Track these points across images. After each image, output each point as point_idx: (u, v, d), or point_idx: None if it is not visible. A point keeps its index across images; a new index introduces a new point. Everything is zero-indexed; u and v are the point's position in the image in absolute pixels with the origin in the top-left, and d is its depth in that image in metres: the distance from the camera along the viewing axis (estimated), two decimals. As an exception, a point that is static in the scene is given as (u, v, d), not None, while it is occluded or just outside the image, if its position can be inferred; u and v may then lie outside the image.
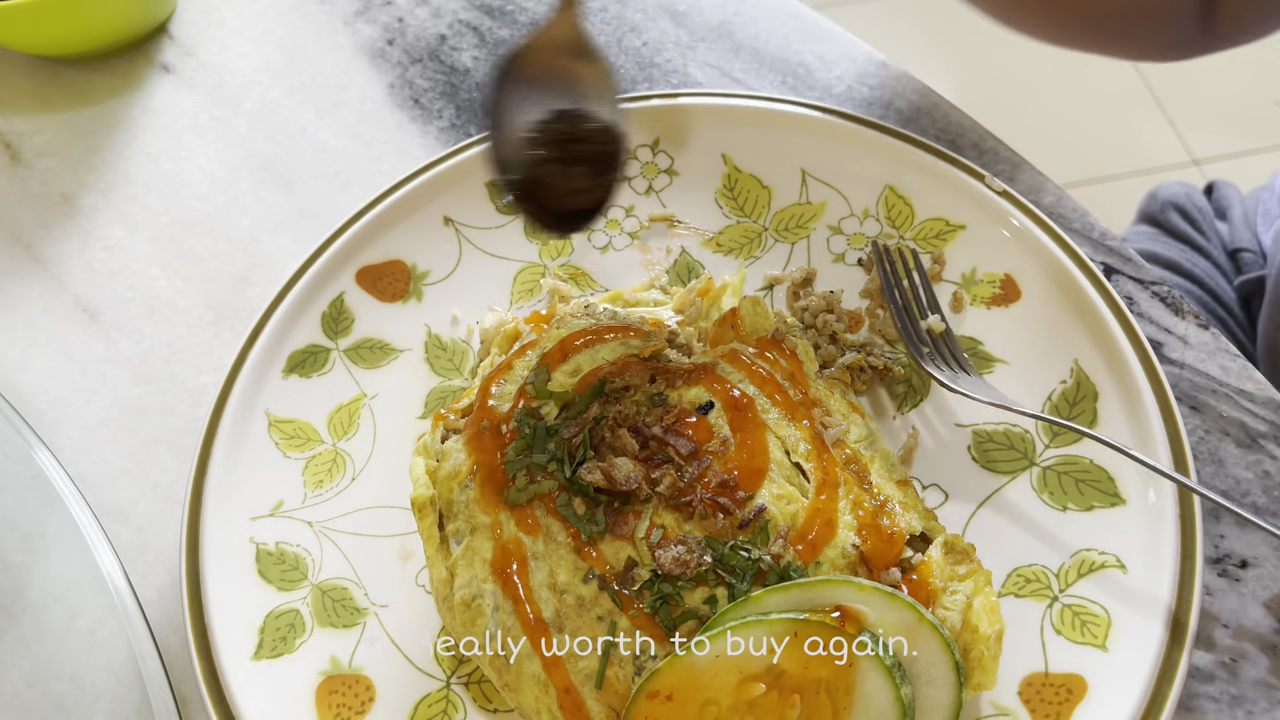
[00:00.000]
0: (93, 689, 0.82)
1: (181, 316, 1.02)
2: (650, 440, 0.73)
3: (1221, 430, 0.87)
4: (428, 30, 1.21)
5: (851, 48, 1.16)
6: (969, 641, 0.70)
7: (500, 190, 0.77)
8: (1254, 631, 0.78)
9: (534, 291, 0.97)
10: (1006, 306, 0.91)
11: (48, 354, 1.00)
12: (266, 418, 0.89)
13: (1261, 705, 0.75)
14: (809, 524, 0.72)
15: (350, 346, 0.94)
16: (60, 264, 1.06)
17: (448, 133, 1.12)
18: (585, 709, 0.69)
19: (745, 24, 1.19)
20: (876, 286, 0.94)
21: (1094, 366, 0.85)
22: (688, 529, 0.71)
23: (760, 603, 0.67)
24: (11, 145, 1.15)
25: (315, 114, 1.15)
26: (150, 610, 0.85)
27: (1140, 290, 0.95)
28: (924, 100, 1.10)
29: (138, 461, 0.93)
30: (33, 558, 0.87)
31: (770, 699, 0.66)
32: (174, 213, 1.09)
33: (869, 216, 0.97)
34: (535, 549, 0.72)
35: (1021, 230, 0.92)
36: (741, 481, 0.72)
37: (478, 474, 0.75)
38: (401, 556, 0.84)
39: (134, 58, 1.21)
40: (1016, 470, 0.83)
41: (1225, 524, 0.83)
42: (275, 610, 0.81)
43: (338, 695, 0.78)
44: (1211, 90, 2.71)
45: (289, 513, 0.86)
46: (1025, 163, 1.04)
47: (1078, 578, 0.77)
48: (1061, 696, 0.73)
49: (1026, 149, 1.06)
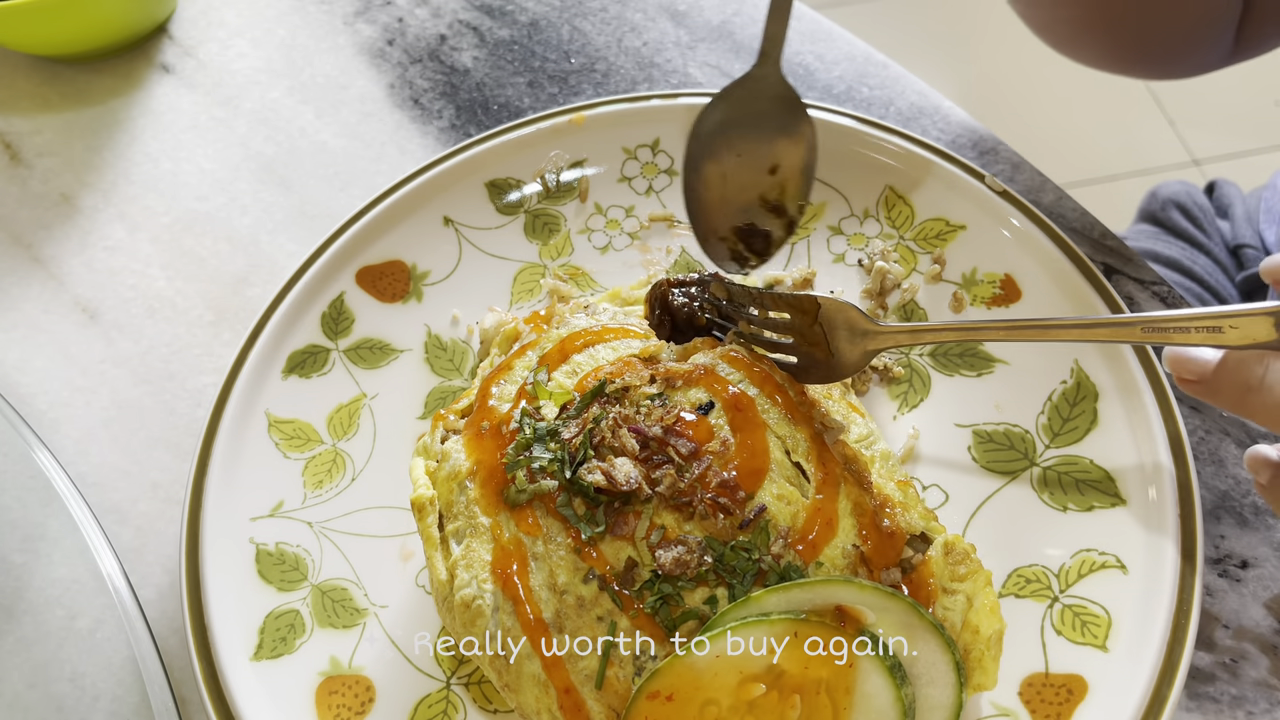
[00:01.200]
0: (93, 689, 0.82)
1: (181, 316, 1.02)
2: (650, 440, 0.73)
3: (1221, 430, 0.87)
4: (428, 30, 1.21)
5: (851, 48, 1.16)
6: (969, 642, 0.70)
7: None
8: (1254, 631, 0.78)
9: (534, 292, 0.97)
10: (1006, 306, 0.91)
11: (48, 354, 1.00)
12: (266, 418, 0.89)
13: (1261, 705, 0.75)
14: (809, 524, 0.71)
15: (350, 347, 0.94)
16: (60, 264, 1.06)
17: (448, 133, 1.12)
18: (585, 709, 0.69)
19: (745, 24, 1.19)
20: (877, 287, 0.94)
21: (1094, 366, 0.85)
22: (688, 529, 0.71)
23: (760, 603, 0.67)
24: (11, 145, 1.15)
25: (315, 114, 1.15)
26: (150, 611, 0.85)
27: (1140, 290, 0.95)
28: (924, 100, 1.10)
29: (137, 461, 0.93)
30: (33, 558, 0.87)
31: (770, 699, 0.66)
32: (174, 213, 1.09)
33: (869, 216, 0.97)
34: (535, 549, 0.72)
35: (1021, 230, 0.92)
36: (741, 481, 0.72)
37: (478, 474, 0.75)
38: (401, 557, 0.84)
39: (134, 58, 1.21)
40: (1016, 470, 0.83)
41: (1225, 524, 0.83)
42: (275, 611, 0.81)
43: (337, 696, 0.78)
44: (1211, 90, 2.70)
45: (289, 513, 0.86)
46: (1025, 163, 1.04)
47: (1078, 578, 0.77)
48: (1062, 697, 0.73)
49: (1026, 149, 1.06)
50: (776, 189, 0.84)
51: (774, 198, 0.84)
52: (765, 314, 0.79)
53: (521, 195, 1.02)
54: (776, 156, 0.83)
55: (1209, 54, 0.96)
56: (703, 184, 0.82)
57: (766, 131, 0.82)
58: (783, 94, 0.82)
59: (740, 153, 0.82)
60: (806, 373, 0.78)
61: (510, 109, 1.13)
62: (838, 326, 0.76)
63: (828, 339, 0.76)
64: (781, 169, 0.83)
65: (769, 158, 0.83)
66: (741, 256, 0.85)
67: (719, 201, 0.83)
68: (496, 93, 1.15)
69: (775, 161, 0.83)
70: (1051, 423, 0.84)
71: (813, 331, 0.77)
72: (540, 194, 1.02)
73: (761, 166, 0.83)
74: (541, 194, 1.02)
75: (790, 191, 0.84)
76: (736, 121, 0.81)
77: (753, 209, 0.84)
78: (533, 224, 1.00)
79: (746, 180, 0.83)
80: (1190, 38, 0.93)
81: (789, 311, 0.78)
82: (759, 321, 0.79)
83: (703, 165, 0.82)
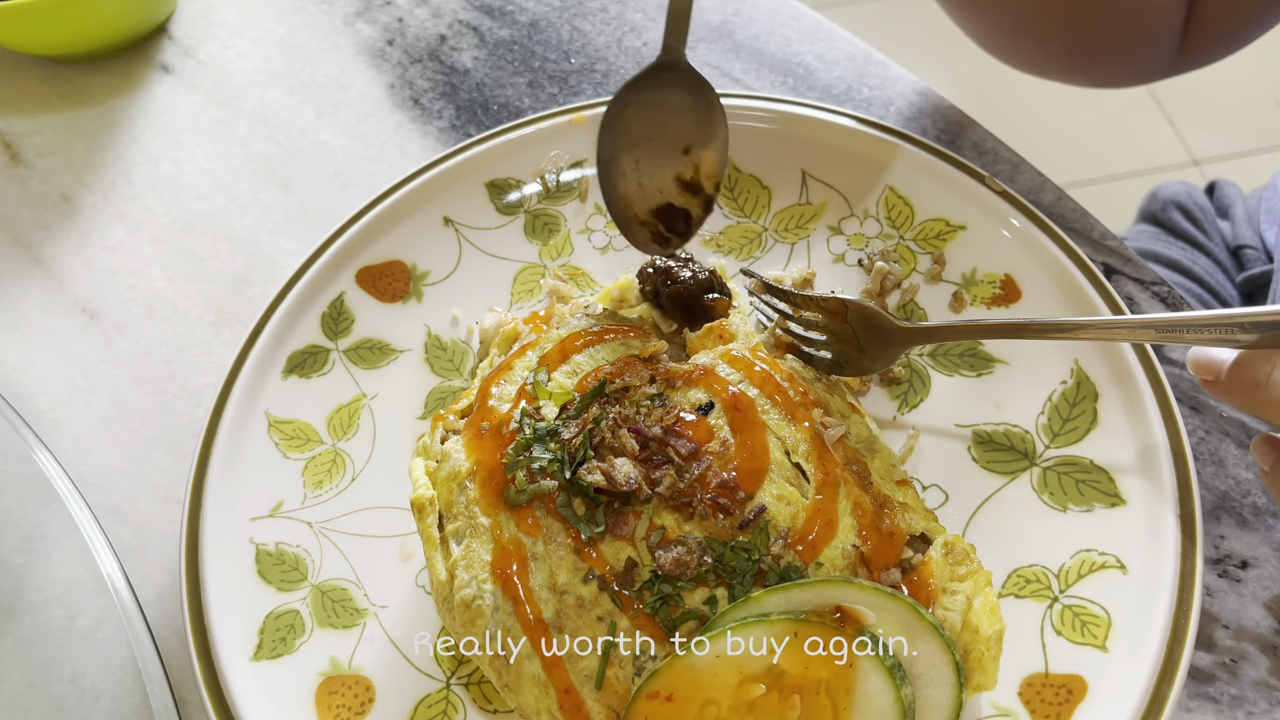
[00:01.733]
0: (93, 690, 0.82)
1: (181, 316, 1.02)
2: (650, 440, 0.73)
3: (1221, 430, 0.87)
4: (428, 30, 1.21)
5: (851, 48, 1.16)
6: (969, 642, 0.70)
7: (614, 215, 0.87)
8: (1254, 632, 0.78)
9: (534, 292, 0.97)
10: (1006, 306, 0.91)
11: (48, 354, 1.00)
12: (266, 418, 0.89)
13: (1262, 706, 0.75)
14: (809, 524, 0.71)
15: (350, 347, 0.94)
16: (60, 264, 1.06)
17: (448, 133, 1.12)
18: (585, 709, 0.69)
19: (745, 24, 1.19)
20: (877, 287, 0.94)
21: (1094, 366, 0.85)
22: (688, 529, 0.71)
23: (760, 603, 0.67)
24: (11, 145, 1.15)
25: (315, 114, 1.15)
26: (150, 611, 0.85)
27: (1140, 290, 0.95)
28: (924, 100, 1.10)
29: (137, 462, 0.93)
30: (33, 558, 0.87)
31: (770, 699, 0.66)
32: (174, 213, 1.09)
33: (869, 217, 0.97)
34: (535, 549, 0.72)
35: (1021, 230, 0.92)
36: (741, 482, 0.72)
37: (477, 475, 0.75)
38: (401, 557, 0.84)
39: (134, 58, 1.21)
40: (1016, 470, 0.83)
41: (1225, 524, 0.83)
42: (275, 611, 0.81)
43: (337, 696, 0.78)
44: (1211, 90, 2.71)
45: (289, 513, 0.86)
46: (1025, 163, 1.04)
47: (1078, 578, 0.77)
48: (1061, 697, 0.73)
49: (1026, 149, 1.06)
50: (690, 168, 0.85)
51: (689, 177, 0.85)
52: (799, 313, 0.83)
53: (521, 195, 1.02)
54: (687, 137, 0.84)
55: (1147, 62, 0.95)
56: (617, 172, 0.83)
57: (675, 113, 0.83)
58: (689, 77, 0.83)
59: (651, 135, 0.83)
60: (841, 367, 0.83)
61: (510, 109, 1.13)
62: (866, 325, 0.80)
63: (858, 337, 0.81)
64: (693, 148, 0.84)
65: (680, 139, 0.84)
66: (663, 238, 0.86)
67: (635, 187, 0.84)
68: (496, 93, 1.15)
69: (687, 142, 0.84)
70: (1051, 423, 0.84)
71: (843, 330, 0.81)
72: (540, 194, 1.02)
73: (674, 148, 0.84)
74: (541, 194, 1.02)
75: (705, 169, 0.85)
76: (645, 105, 0.82)
77: (669, 189, 0.85)
78: (533, 224, 1.00)
79: (660, 162, 0.84)
80: (1124, 44, 0.92)
81: (819, 312, 0.82)
82: (797, 319, 0.83)
83: (615, 154, 0.83)
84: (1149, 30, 0.91)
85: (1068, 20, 0.91)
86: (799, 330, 0.83)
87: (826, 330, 0.82)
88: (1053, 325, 0.75)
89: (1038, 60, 0.99)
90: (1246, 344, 0.67)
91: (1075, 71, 0.99)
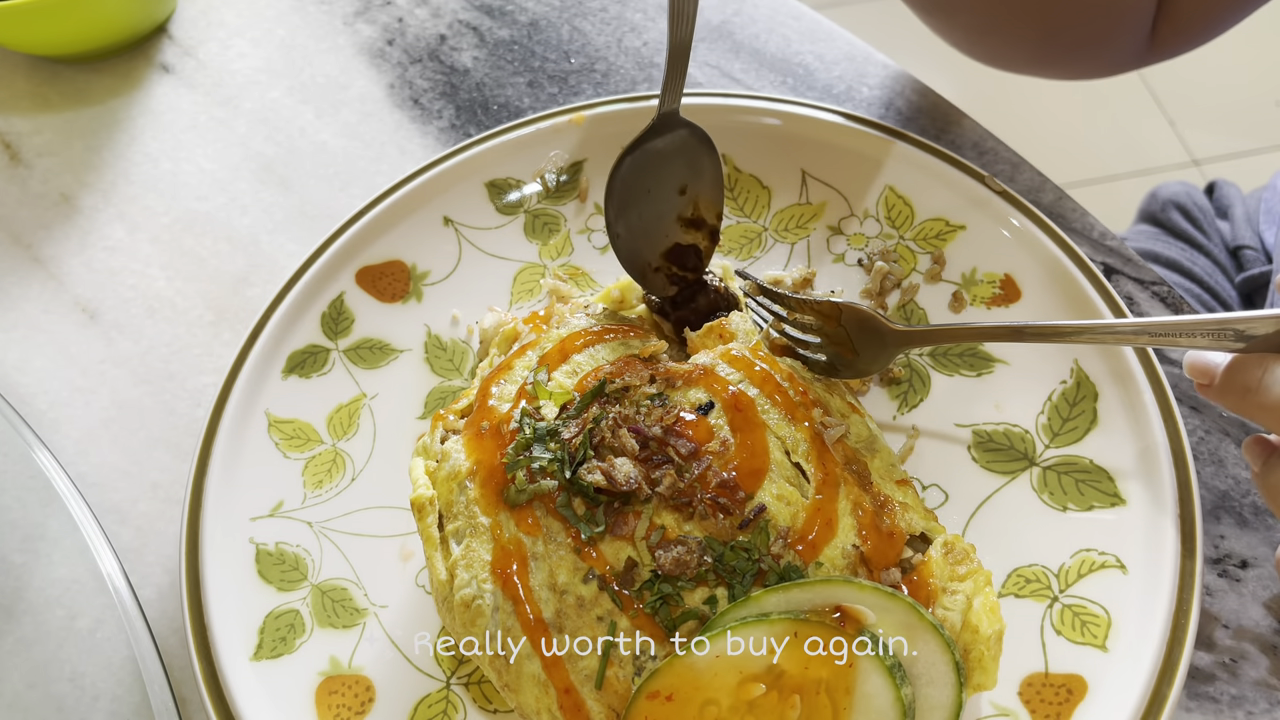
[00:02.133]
0: (93, 689, 0.82)
1: (181, 316, 1.02)
2: (650, 440, 0.73)
3: (1221, 430, 0.87)
4: (428, 30, 1.21)
5: (851, 48, 1.16)
6: (969, 642, 0.70)
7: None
8: (1254, 631, 0.78)
9: (534, 291, 0.97)
10: (1006, 306, 0.91)
11: (48, 354, 1.00)
12: (266, 418, 0.89)
13: (1261, 705, 0.75)
14: (809, 524, 0.71)
15: (350, 347, 0.94)
16: (60, 264, 1.06)
17: (448, 133, 1.12)
18: (585, 709, 0.69)
19: (745, 24, 1.19)
20: (876, 287, 0.94)
21: (1094, 366, 0.85)
22: (688, 529, 0.71)
23: (760, 603, 0.67)
24: (11, 145, 1.15)
25: (315, 114, 1.15)
26: (150, 611, 0.85)
27: (1140, 290, 0.95)
28: (924, 100, 1.10)
29: (137, 462, 0.93)
30: (33, 558, 0.87)
31: (770, 699, 0.66)
32: (174, 213, 1.09)
33: (869, 217, 0.97)
34: (535, 549, 0.72)
35: (1021, 230, 0.92)
36: (741, 482, 0.72)
37: (477, 474, 0.75)
38: (401, 557, 0.84)
39: (134, 58, 1.21)
40: (1016, 470, 0.83)
41: (1225, 524, 0.83)
42: (275, 610, 0.81)
43: (337, 695, 0.78)
44: (1211, 90, 2.71)
45: (289, 513, 0.86)
46: (1025, 162, 1.04)
47: (1078, 578, 0.77)
48: (1061, 697, 0.73)
49: (1026, 149, 1.06)
50: (689, 206, 0.88)
51: (690, 214, 0.88)
52: (793, 315, 0.83)
53: (521, 195, 1.02)
54: (681, 178, 0.87)
55: (1118, 54, 0.95)
56: (625, 230, 0.86)
57: (666, 158, 0.86)
58: (682, 128, 0.86)
59: (649, 188, 0.86)
60: (836, 370, 0.82)
61: (510, 109, 1.13)
62: (861, 328, 0.80)
63: (852, 340, 0.80)
64: (689, 187, 0.87)
65: (675, 181, 0.87)
66: (679, 278, 0.89)
67: (642, 239, 0.87)
68: (496, 93, 1.15)
69: (682, 182, 0.87)
70: (1051, 422, 0.84)
71: (837, 333, 0.81)
72: (540, 194, 1.02)
73: (671, 191, 0.87)
74: (541, 194, 1.02)
75: (703, 204, 0.88)
76: (637, 161, 0.85)
77: (674, 231, 0.88)
78: (532, 224, 1.01)
79: (661, 210, 0.87)
80: (1096, 39, 0.92)
81: (813, 315, 0.82)
82: (791, 322, 0.83)
83: (620, 214, 0.86)
84: (1121, 24, 0.91)
85: (1041, 17, 0.91)
86: (793, 333, 0.83)
87: (820, 333, 0.82)
88: (1049, 329, 0.74)
89: (1009, 56, 0.99)
90: (1239, 349, 0.68)
91: (1046, 65, 0.99)
